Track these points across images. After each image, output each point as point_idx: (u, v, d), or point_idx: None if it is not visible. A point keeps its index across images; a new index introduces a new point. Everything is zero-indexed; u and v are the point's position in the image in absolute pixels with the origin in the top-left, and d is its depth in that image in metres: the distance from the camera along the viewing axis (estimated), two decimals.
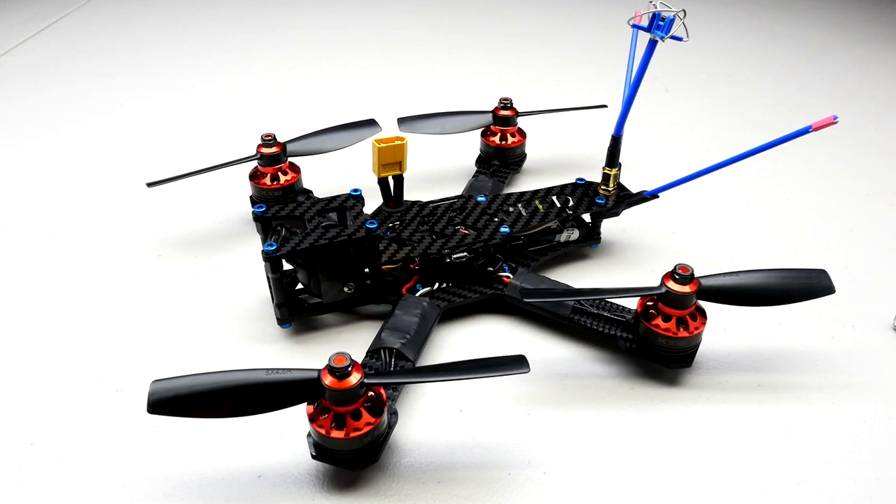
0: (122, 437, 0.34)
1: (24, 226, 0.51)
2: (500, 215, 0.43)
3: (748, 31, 0.92)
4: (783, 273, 0.37)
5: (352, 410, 0.30)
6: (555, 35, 0.89)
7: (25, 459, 0.33)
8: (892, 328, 0.42)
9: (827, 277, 0.37)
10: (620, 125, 0.42)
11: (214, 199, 0.53)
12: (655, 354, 0.37)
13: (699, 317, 0.36)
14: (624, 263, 0.47)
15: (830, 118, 0.34)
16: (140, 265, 0.46)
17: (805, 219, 0.53)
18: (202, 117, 0.67)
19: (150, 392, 0.29)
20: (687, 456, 0.34)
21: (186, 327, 0.41)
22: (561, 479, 0.33)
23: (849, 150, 0.63)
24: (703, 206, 0.54)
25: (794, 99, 0.73)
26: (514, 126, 0.54)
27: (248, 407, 0.30)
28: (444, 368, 0.32)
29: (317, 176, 0.52)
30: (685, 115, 0.69)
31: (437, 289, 0.41)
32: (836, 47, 0.87)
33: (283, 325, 0.40)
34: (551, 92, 0.74)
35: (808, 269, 0.38)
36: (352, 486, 0.32)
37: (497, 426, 0.35)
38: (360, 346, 0.39)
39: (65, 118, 0.66)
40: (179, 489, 0.32)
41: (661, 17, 0.36)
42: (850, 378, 0.39)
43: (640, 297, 0.35)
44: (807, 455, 0.34)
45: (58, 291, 0.44)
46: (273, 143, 0.47)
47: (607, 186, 0.45)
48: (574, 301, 0.39)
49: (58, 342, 0.40)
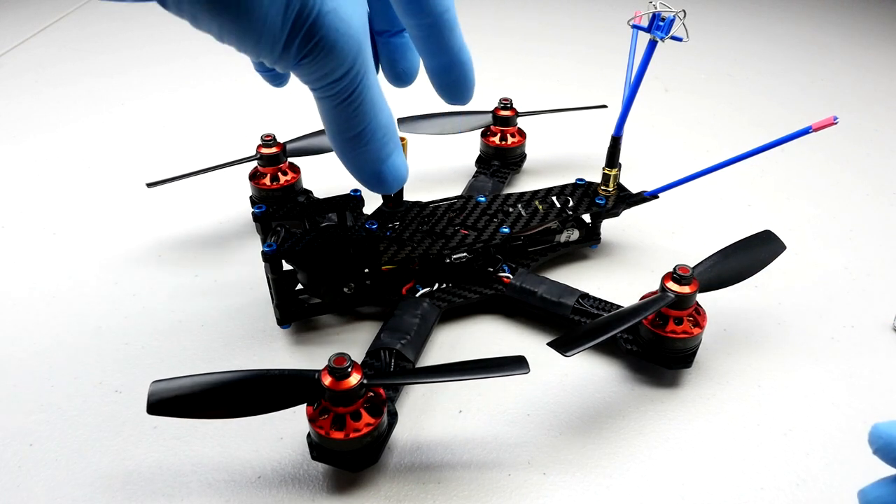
0: (122, 437, 0.34)
1: (24, 226, 0.51)
2: (500, 216, 0.43)
3: (748, 31, 0.92)
4: (738, 248, 0.39)
5: (351, 411, 0.30)
6: (555, 35, 0.89)
7: (25, 459, 0.33)
8: (892, 328, 0.42)
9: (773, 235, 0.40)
10: (620, 125, 0.42)
11: (214, 199, 0.53)
12: (656, 355, 0.37)
13: (698, 317, 0.36)
14: (624, 263, 0.47)
15: (831, 119, 0.34)
16: (140, 265, 0.46)
17: (805, 219, 0.53)
18: (202, 117, 0.67)
19: (150, 392, 0.29)
20: (687, 456, 0.34)
21: (186, 327, 0.41)
22: (561, 480, 0.33)
23: (849, 150, 0.63)
24: (703, 206, 0.54)
25: (794, 99, 0.73)
26: (514, 126, 0.54)
27: (247, 407, 0.30)
28: (444, 369, 0.32)
29: (317, 176, 0.52)
30: (685, 115, 0.69)
31: (436, 289, 0.41)
32: (836, 47, 0.87)
33: (283, 325, 0.40)
34: (551, 92, 0.74)
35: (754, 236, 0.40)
36: (351, 487, 0.32)
37: (497, 426, 0.35)
38: (360, 347, 0.39)
39: (65, 118, 0.66)
40: (179, 489, 0.32)
41: (661, 17, 0.36)
42: (850, 378, 0.39)
43: (654, 311, 0.35)
44: (807, 455, 0.34)
45: (58, 291, 0.44)
46: (273, 144, 0.47)
47: (607, 187, 0.45)
48: (574, 302, 0.39)
49: (58, 342, 0.40)
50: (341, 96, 0.25)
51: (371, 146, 0.27)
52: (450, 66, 0.31)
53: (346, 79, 0.24)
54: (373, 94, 0.26)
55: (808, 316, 0.43)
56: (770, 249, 0.39)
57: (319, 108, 0.26)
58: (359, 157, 0.27)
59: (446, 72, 0.31)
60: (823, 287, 0.46)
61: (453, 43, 0.30)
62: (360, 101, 0.25)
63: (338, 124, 0.26)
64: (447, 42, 0.30)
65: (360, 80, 0.25)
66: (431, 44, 0.30)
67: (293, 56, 0.23)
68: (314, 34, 0.22)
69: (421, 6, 0.28)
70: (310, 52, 0.23)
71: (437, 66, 0.31)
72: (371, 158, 0.27)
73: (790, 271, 0.46)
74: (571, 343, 0.32)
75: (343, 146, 0.27)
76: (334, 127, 0.26)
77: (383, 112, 0.27)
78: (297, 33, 0.22)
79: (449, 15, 0.29)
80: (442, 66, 0.31)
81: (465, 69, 0.31)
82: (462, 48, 0.31)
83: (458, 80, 0.32)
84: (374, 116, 0.26)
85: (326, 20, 0.22)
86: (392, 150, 0.28)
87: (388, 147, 0.28)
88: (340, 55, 0.23)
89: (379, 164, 0.28)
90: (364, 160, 0.27)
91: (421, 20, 0.29)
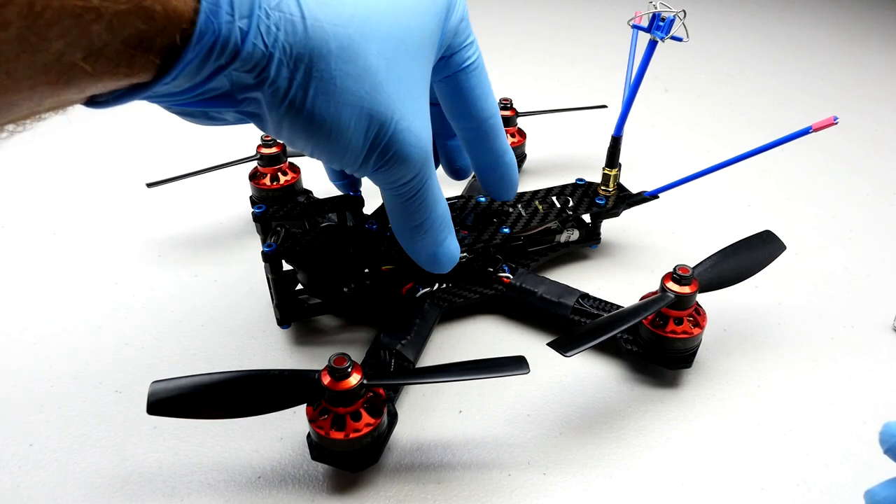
0: (122, 437, 0.34)
1: (24, 226, 0.51)
2: (500, 216, 0.43)
3: (748, 31, 0.92)
4: (738, 248, 0.39)
5: (351, 411, 0.30)
6: (555, 35, 0.89)
7: (25, 459, 0.33)
8: (892, 328, 0.42)
9: (773, 235, 0.40)
10: (620, 126, 0.42)
11: (214, 199, 0.53)
12: (656, 355, 0.37)
13: (698, 317, 0.36)
14: (624, 263, 0.47)
15: (831, 119, 0.34)
16: (140, 265, 0.46)
17: (805, 219, 0.53)
18: None
19: (150, 392, 0.29)
20: (687, 456, 0.34)
21: (186, 327, 0.41)
22: (561, 480, 0.33)
23: (849, 150, 0.63)
24: (703, 206, 0.54)
25: (794, 99, 0.73)
26: (514, 126, 0.54)
27: (247, 408, 0.30)
28: (444, 369, 0.32)
29: (317, 176, 0.52)
30: (685, 115, 0.69)
31: (436, 289, 0.41)
32: (836, 47, 0.87)
33: (283, 325, 0.40)
34: (551, 92, 0.74)
35: (754, 236, 0.40)
36: (351, 487, 0.32)
37: (497, 426, 0.35)
38: (360, 347, 0.40)
39: (65, 118, 0.66)
40: (179, 489, 0.32)
41: (661, 17, 0.36)
42: (850, 378, 0.39)
43: (654, 311, 0.35)
44: (807, 455, 0.34)
45: (57, 291, 0.44)
46: (273, 144, 0.47)
47: (607, 187, 0.45)
48: (574, 302, 0.39)
49: (58, 342, 0.40)
50: (408, 195, 0.29)
51: (430, 234, 0.31)
52: (495, 166, 0.36)
53: (414, 181, 0.28)
54: (433, 192, 0.30)
55: (808, 316, 0.43)
56: (770, 249, 0.39)
57: (386, 202, 0.30)
58: (418, 243, 0.32)
59: (492, 170, 0.36)
60: (823, 287, 0.46)
61: (497, 145, 0.35)
62: (424, 198, 0.29)
63: (402, 216, 0.30)
64: (492, 144, 0.35)
65: (424, 182, 0.29)
66: (478, 145, 0.34)
67: (371, 167, 0.27)
68: (389, 149, 0.26)
69: (469, 112, 0.33)
70: (385, 163, 0.27)
71: (484, 165, 0.36)
72: (429, 243, 0.32)
73: (790, 271, 0.46)
74: (571, 343, 0.32)
75: (406, 234, 0.31)
76: (400, 218, 0.30)
77: (440, 205, 0.31)
78: (374, 150, 0.26)
79: (494, 121, 0.34)
80: (488, 165, 0.36)
81: (508, 169, 0.36)
82: (506, 150, 0.35)
83: (503, 178, 0.36)
84: (433, 209, 0.30)
85: (401, 137, 0.26)
86: (447, 236, 0.32)
87: (444, 234, 0.32)
88: (411, 164, 0.27)
89: (435, 247, 0.32)
90: (423, 245, 0.32)
91: (469, 124, 0.33)
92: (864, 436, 0.35)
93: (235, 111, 0.25)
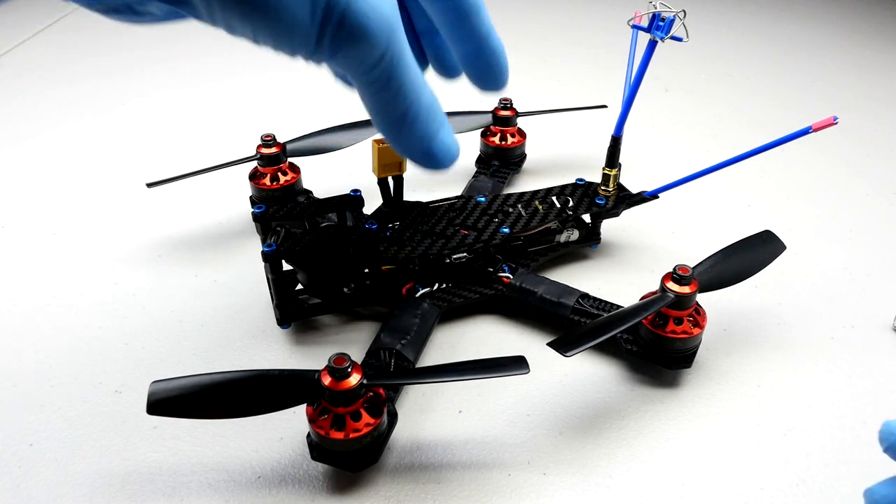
0: (122, 437, 0.34)
1: (24, 226, 0.51)
2: (500, 216, 0.43)
3: (748, 31, 0.92)
4: (739, 248, 0.39)
5: (351, 411, 0.30)
6: (555, 35, 0.89)
7: (25, 459, 0.33)
8: (892, 328, 0.42)
9: (773, 235, 0.40)
10: (620, 125, 0.42)
11: (214, 199, 0.53)
12: (656, 355, 0.37)
13: (698, 317, 0.36)
14: (624, 263, 0.47)
15: (831, 119, 0.34)
16: (140, 265, 0.46)
17: (805, 219, 0.53)
18: (202, 117, 0.67)
19: (150, 392, 0.29)
20: (687, 456, 0.34)
21: (186, 327, 0.41)
22: (561, 480, 0.33)
23: (849, 150, 0.63)
24: (703, 206, 0.54)
25: (794, 99, 0.73)
26: (514, 126, 0.54)
27: (247, 408, 0.30)
28: (444, 369, 0.32)
29: (317, 176, 0.52)
30: (685, 115, 0.69)
31: (436, 289, 0.41)
32: (836, 47, 0.87)
33: (283, 325, 0.40)
34: (551, 92, 0.74)
35: (754, 236, 0.40)
36: (351, 487, 0.32)
37: (497, 426, 0.35)
38: (360, 347, 0.40)
39: (65, 118, 0.66)
40: (179, 489, 0.32)
41: (661, 17, 0.36)
42: (850, 378, 0.39)
43: (654, 311, 0.35)
44: (807, 455, 0.34)
45: (57, 291, 0.44)
46: (273, 144, 0.47)
47: (607, 187, 0.45)
48: (574, 302, 0.39)
49: (57, 342, 0.40)
50: (381, 81, 0.25)
51: (417, 126, 0.27)
52: (479, 52, 0.31)
53: (383, 62, 0.24)
54: (412, 76, 0.26)
55: (808, 316, 0.43)
56: (770, 249, 0.39)
57: (363, 98, 0.26)
58: (407, 139, 0.28)
59: (476, 57, 0.31)
60: (823, 287, 0.46)
61: (480, 27, 0.31)
62: (400, 83, 0.25)
63: (381, 109, 0.26)
64: (473, 26, 0.30)
65: (395, 62, 0.25)
66: (457, 29, 0.30)
67: (327, 48, 0.23)
68: (344, 23, 0.23)
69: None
70: (343, 41, 0.23)
71: (467, 53, 0.31)
72: (419, 137, 0.28)
73: (790, 271, 0.46)
74: (571, 343, 0.32)
75: (390, 129, 0.27)
76: (379, 113, 0.26)
77: (424, 92, 0.27)
78: (328, 25, 0.23)
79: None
80: (471, 52, 0.31)
81: (495, 54, 0.32)
82: (490, 33, 0.31)
83: (490, 65, 0.32)
84: (416, 97, 0.27)
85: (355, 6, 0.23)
86: (439, 128, 0.28)
87: (434, 125, 0.28)
88: (372, 39, 0.24)
89: (428, 142, 0.28)
90: (413, 140, 0.28)
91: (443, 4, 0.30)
92: (864, 436, 0.35)
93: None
